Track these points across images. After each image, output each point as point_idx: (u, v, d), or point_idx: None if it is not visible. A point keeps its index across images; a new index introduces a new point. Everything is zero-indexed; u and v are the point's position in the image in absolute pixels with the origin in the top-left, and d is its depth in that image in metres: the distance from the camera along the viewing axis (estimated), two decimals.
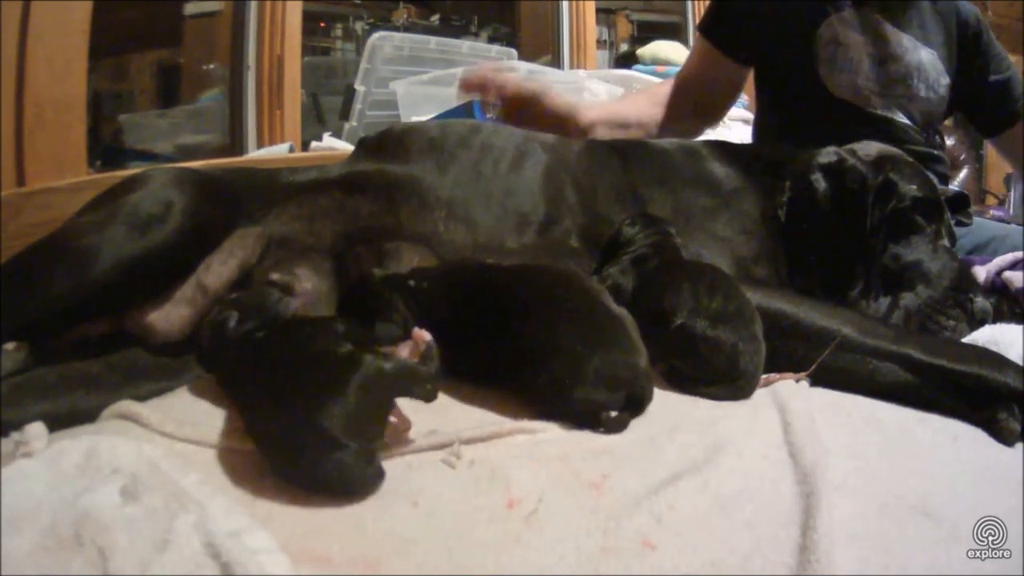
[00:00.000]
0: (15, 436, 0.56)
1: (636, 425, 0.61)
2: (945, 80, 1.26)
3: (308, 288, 0.77)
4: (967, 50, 1.30)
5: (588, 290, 0.70)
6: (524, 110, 1.24)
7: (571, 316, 0.65)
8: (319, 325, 0.65)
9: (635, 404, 0.63)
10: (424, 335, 0.62)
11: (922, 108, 1.24)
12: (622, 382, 0.61)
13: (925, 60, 1.23)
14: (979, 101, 1.34)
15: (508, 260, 0.83)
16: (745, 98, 1.89)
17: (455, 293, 0.72)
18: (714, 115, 1.47)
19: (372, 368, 0.53)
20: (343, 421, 0.49)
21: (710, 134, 1.45)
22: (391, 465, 0.54)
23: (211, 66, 2.27)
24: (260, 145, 2.00)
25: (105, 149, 2.07)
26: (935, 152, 1.26)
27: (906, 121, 1.23)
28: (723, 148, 1.04)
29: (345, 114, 1.97)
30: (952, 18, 1.29)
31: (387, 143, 0.97)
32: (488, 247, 0.86)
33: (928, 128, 1.27)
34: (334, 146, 1.72)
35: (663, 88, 1.41)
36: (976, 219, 1.30)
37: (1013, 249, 1.05)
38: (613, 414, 0.60)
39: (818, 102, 1.22)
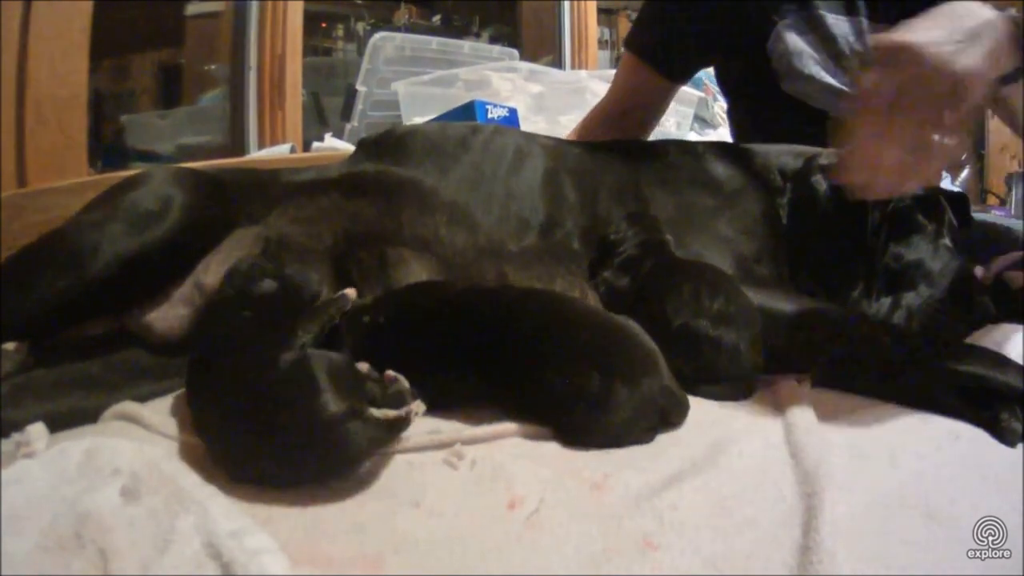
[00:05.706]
0: (16, 436, 0.56)
1: None
2: None
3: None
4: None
5: (587, 312, 0.65)
6: None
7: (579, 343, 0.60)
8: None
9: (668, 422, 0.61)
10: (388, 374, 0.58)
11: None
12: (654, 412, 0.59)
13: None
14: None
15: (509, 263, 0.83)
16: None
17: (429, 327, 0.66)
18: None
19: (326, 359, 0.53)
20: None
21: (711, 135, 1.44)
22: (392, 464, 0.54)
23: (212, 66, 2.27)
24: (261, 145, 2.00)
25: (106, 149, 2.08)
26: None
27: None
28: (725, 149, 1.04)
29: (346, 115, 1.97)
30: None
31: (388, 144, 0.96)
32: (489, 250, 0.85)
33: None
34: (335, 146, 1.71)
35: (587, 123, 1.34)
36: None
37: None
38: None
39: (783, 104, 1.18)
